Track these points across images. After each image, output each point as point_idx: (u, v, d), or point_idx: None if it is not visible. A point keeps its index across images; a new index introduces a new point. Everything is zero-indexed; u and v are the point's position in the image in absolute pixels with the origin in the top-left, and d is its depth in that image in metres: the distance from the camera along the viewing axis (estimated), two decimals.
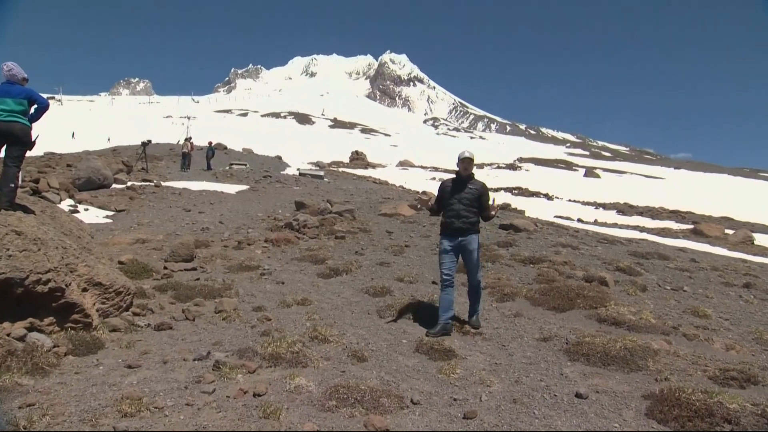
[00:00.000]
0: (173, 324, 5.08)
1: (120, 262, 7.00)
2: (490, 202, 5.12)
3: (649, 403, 3.58)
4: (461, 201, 5.01)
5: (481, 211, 5.12)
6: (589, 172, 56.20)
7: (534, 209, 20.29)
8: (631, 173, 63.26)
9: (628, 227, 18.26)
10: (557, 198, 30.19)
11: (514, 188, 33.23)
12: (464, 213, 5.00)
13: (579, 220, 19.40)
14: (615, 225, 18.97)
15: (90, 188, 15.49)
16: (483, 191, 5.08)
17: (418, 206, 5.77)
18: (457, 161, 5.12)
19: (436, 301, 6.05)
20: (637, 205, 27.98)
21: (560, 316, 5.81)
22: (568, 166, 68.96)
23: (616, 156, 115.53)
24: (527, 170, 57.36)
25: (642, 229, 17.59)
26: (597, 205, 27.89)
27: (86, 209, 12.47)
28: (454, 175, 5.24)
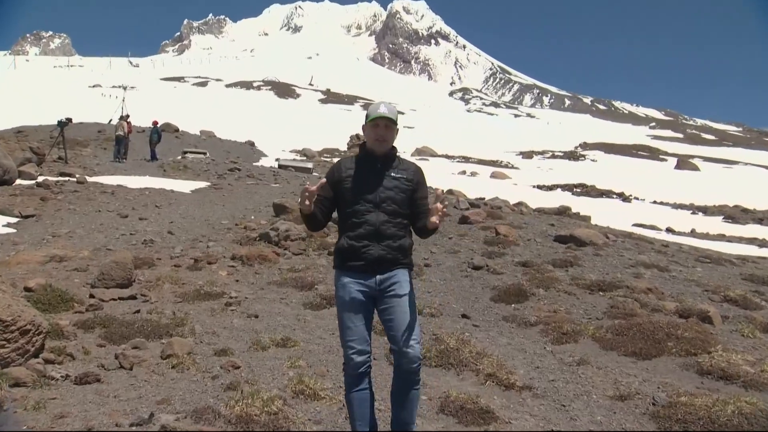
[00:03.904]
0: (102, 375, 5.07)
1: (27, 289, 7.01)
2: (432, 199, 3.53)
3: None
4: (379, 204, 3.65)
5: (414, 221, 3.76)
6: (684, 163, 55.87)
7: (604, 215, 20.15)
8: (746, 163, 62.70)
9: (740, 240, 18.08)
10: (637, 199, 30.01)
11: (576, 185, 33.09)
12: (387, 228, 3.63)
13: (668, 230, 19.25)
14: (722, 237, 18.78)
15: None
16: (418, 181, 3.76)
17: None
18: (365, 124, 3.74)
19: (468, 342, 6.02)
20: (755, 209, 27.65)
21: (643, 366, 5.75)
22: (653, 154, 68.57)
23: (723, 139, 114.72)
24: (594, 160, 57.12)
25: (762, 244, 17.40)
26: (695, 209, 27.67)
27: None
28: (357, 153, 3.88)
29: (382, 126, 3.65)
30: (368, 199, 3.64)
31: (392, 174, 3.70)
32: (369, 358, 3.69)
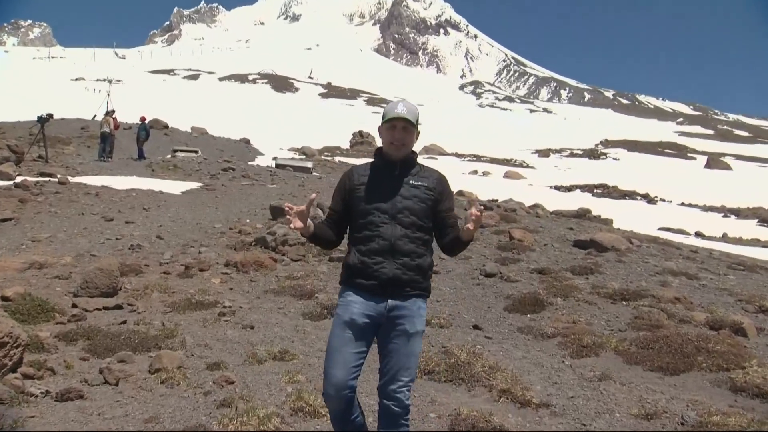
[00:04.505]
0: (85, 391, 5.07)
1: (4, 298, 7.01)
2: (467, 210, 3.43)
3: None
4: (395, 215, 3.44)
5: (440, 236, 3.57)
6: (714, 161, 55.77)
7: (627, 218, 20.14)
8: None
9: None
10: (663, 201, 29.98)
11: (597, 186, 33.08)
12: (404, 243, 3.41)
13: (698, 235, 19.21)
14: (756, 242, 18.75)
15: None
16: (441, 191, 3.55)
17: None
18: (381, 125, 3.54)
19: (481, 355, 5.99)
20: None
21: (671, 382, 5.73)
22: (681, 152, 68.53)
23: (758, 136, 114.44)
24: (616, 159, 57.14)
25: None
26: (726, 212, 27.63)
27: None
28: (372, 160, 3.68)
29: (399, 128, 3.44)
30: (383, 210, 3.42)
31: (411, 182, 3.48)
32: (350, 394, 3.37)
